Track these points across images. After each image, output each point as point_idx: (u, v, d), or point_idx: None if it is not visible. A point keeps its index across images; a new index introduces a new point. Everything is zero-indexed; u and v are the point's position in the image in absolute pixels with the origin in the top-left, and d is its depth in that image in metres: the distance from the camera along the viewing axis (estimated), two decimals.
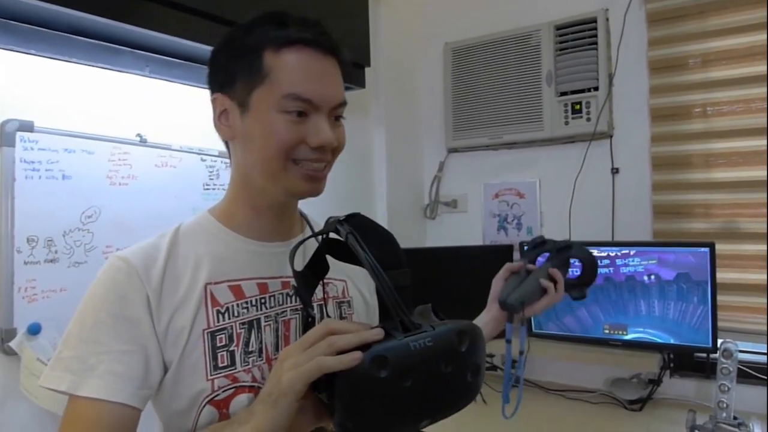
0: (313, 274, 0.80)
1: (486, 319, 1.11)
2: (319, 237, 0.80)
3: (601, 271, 1.95)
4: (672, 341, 1.86)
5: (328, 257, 0.81)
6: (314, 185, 0.84)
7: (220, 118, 0.85)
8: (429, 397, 0.65)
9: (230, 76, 0.83)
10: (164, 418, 0.82)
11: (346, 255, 0.76)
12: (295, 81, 0.78)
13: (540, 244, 1.15)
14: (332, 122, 0.84)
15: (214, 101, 0.85)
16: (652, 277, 1.88)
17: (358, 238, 0.69)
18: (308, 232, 0.95)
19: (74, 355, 0.75)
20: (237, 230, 0.87)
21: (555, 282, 1.08)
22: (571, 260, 1.12)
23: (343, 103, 0.85)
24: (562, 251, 1.12)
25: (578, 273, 1.13)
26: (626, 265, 1.93)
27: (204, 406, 0.78)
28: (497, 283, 1.14)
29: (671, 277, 1.85)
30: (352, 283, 0.98)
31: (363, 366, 0.61)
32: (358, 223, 0.72)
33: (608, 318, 1.98)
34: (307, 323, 0.78)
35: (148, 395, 0.77)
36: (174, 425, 0.80)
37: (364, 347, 0.63)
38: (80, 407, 0.73)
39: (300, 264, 0.80)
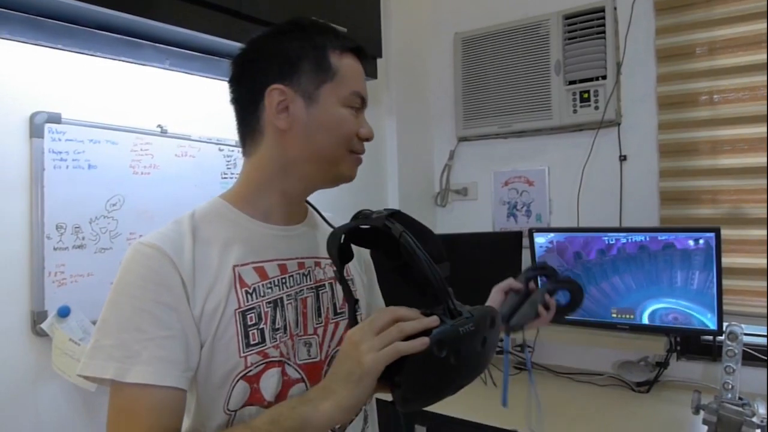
0: (342, 260, 0.86)
1: None
2: (343, 226, 0.86)
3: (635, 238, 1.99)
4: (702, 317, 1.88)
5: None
6: (356, 171, 0.96)
7: (278, 109, 0.88)
8: (467, 370, 0.77)
9: (293, 70, 0.88)
10: (198, 394, 0.85)
11: (367, 242, 0.85)
12: (357, 81, 0.93)
13: (542, 269, 1.29)
14: None
15: (270, 92, 0.88)
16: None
17: (411, 236, 0.77)
18: (313, 216, 1.02)
19: (115, 344, 0.77)
20: (253, 215, 0.92)
21: (548, 308, 1.21)
22: (561, 291, 1.26)
23: None
24: (560, 282, 1.25)
25: (565, 303, 1.26)
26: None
27: (237, 382, 0.83)
28: (497, 294, 1.24)
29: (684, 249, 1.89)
30: (351, 264, 1.03)
31: (429, 349, 0.71)
32: (404, 221, 0.80)
33: (616, 302, 2.02)
34: (352, 306, 0.84)
35: (191, 377, 0.81)
36: (208, 400, 0.84)
37: (424, 332, 0.73)
38: (130, 394, 0.75)
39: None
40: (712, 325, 1.85)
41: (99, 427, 1.50)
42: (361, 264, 1.10)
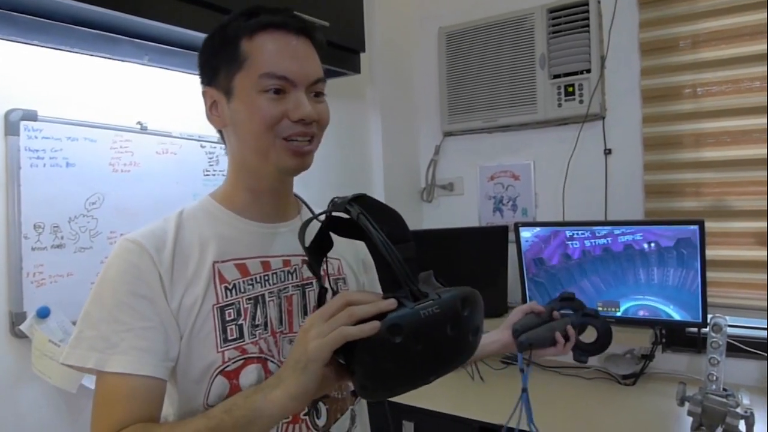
0: (319, 249, 0.85)
1: (494, 338, 1.19)
2: (321, 216, 0.84)
3: (598, 242, 2.00)
4: (667, 309, 1.91)
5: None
6: (301, 160, 0.89)
7: (212, 110, 0.92)
8: (436, 357, 0.72)
9: (214, 70, 0.89)
10: (178, 389, 0.86)
11: (348, 231, 0.81)
12: (269, 61, 0.85)
13: (569, 299, 1.21)
14: (312, 98, 0.88)
15: (204, 95, 0.92)
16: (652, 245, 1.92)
17: (368, 217, 0.74)
18: (305, 213, 1.01)
19: (97, 335, 0.79)
20: (238, 213, 0.93)
21: (567, 338, 1.15)
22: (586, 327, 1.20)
23: (321, 80, 0.90)
24: (587, 317, 1.18)
25: (592, 341, 1.20)
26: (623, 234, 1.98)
27: (216, 377, 0.83)
28: (516, 314, 1.20)
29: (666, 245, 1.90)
30: (345, 262, 1.03)
31: (380, 333, 0.67)
32: (366, 203, 0.77)
33: (601, 295, 2.03)
34: (321, 294, 0.85)
35: (170, 367, 0.82)
36: (188, 395, 0.85)
37: (379, 316, 0.69)
38: (111, 383, 0.78)
39: (307, 242, 0.85)
40: (697, 318, 1.85)
41: (81, 429, 1.48)
42: (359, 263, 1.08)
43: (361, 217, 0.74)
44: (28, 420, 1.41)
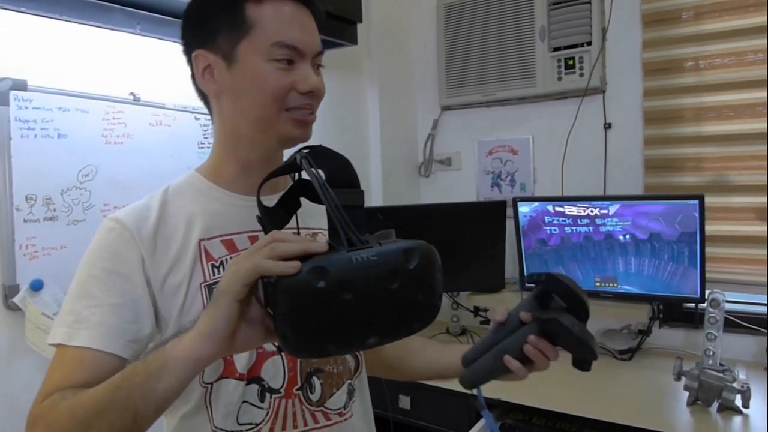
0: (285, 211, 0.80)
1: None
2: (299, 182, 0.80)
3: (581, 230, 1.99)
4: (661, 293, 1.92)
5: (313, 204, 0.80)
6: (304, 130, 0.87)
7: (204, 75, 0.86)
8: (374, 314, 0.64)
9: (211, 32, 0.84)
10: None
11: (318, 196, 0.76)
12: (281, 30, 0.82)
13: (544, 281, 0.84)
14: (315, 70, 0.87)
15: (195, 58, 0.86)
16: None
17: (309, 159, 0.70)
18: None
19: (69, 310, 0.78)
20: (225, 186, 0.90)
21: (525, 358, 0.87)
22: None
23: (322, 52, 0.88)
24: (550, 322, 0.83)
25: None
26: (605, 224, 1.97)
27: None
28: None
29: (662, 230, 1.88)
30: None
31: (301, 275, 0.60)
32: (316, 151, 0.74)
33: (599, 271, 2.02)
34: None
35: (138, 350, 0.80)
36: None
37: (307, 259, 0.62)
38: (68, 353, 0.76)
39: (272, 202, 0.81)
40: (695, 293, 1.85)
41: None
42: None
43: (303, 161, 0.70)
44: (22, 392, 1.40)
